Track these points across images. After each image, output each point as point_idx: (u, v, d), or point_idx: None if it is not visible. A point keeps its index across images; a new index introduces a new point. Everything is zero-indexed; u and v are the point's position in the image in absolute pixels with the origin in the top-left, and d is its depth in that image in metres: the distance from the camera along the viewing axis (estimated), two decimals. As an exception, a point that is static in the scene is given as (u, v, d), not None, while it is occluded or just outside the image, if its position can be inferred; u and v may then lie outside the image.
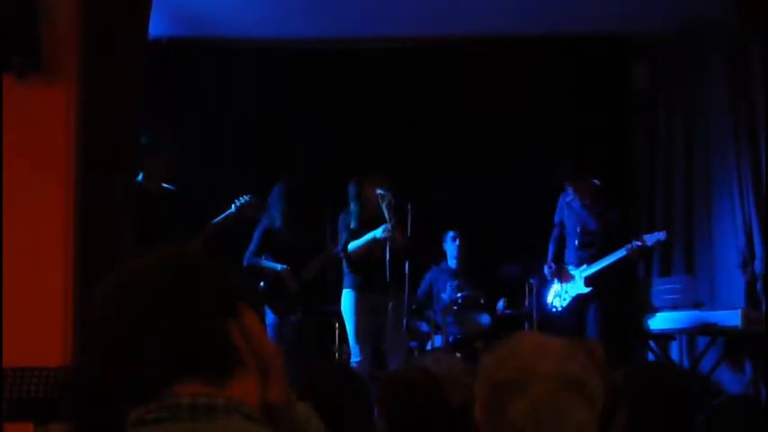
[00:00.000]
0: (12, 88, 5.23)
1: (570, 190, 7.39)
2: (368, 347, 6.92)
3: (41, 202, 5.33)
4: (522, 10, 7.55)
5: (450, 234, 8.20)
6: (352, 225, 7.02)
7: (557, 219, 7.58)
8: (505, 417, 1.68)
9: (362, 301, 6.93)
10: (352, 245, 6.95)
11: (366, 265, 6.95)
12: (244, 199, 6.53)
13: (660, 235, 7.10)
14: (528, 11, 7.56)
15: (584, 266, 7.26)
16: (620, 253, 7.05)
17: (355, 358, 6.89)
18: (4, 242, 5.14)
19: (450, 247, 8.21)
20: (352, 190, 7.08)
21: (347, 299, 6.98)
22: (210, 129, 8.69)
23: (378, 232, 6.82)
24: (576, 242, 7.36)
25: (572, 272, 7.34)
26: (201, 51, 8.47)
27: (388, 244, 6.76)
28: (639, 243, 7.04)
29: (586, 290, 7.19)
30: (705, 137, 8.05)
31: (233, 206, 6.50)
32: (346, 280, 7.04)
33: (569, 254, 7.43)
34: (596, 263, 7.19)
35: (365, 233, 6.93)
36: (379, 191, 6.83)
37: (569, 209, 7.45)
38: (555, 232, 7.58)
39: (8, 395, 4.43)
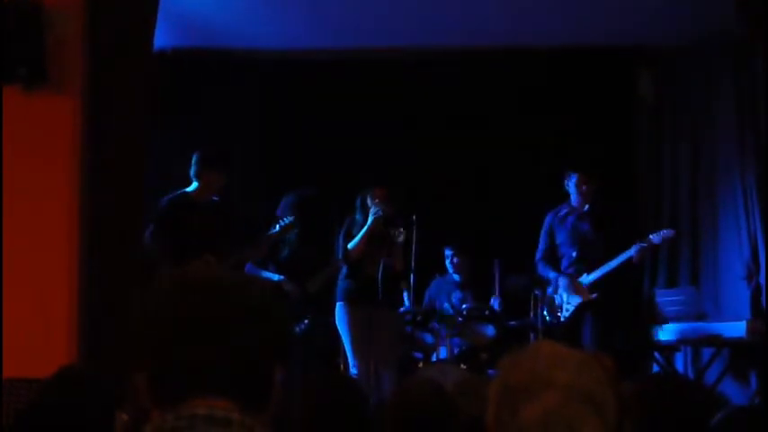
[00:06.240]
0: (18, 99, 5.25)
1: (569, 200, 7.30)
2: (365, 360, 6.87)
3: (48, 213, 5.33)
4: (527, 23, 7.55)
5: (448, 252, 8.20)
6: (354, 233, 7.07)
7: (543, 239, 7.41)
8: (515, 421, 1.69)
9: (354, 313, 6.93)
10: (352, 243, 7.02)
11: (360, 275, 7.01)
12: (288, 220, 6.88)
13: (667, 232, 7.09)
14: (532, 24, 7.57)
15: (585, 275, 7.20)
16: (628, 253, 6.98)
17: (353, 371, 6.85)
18: (9, 252, 5.15)
19: (450, 263, 8.22)
20: (358, 201, 7.17)
21: (340, 312, 7.01)
22: (214, 139, 8.67)
23: (370, 219, 6.94)
24: (575, 254, 7.25)
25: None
26: (206, 62, 8.48)
27: (382, 262, 6.92)
28: (645, 244, 7.01)
29: (590, 297, 7.12)
30: (710, 149, 8.05)
31: (277, 226, 6.85)
32: (339, 292, 7.07)
33: (566, 267, 7.32)
34: (599, 268, 7.10)
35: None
36: (373, 208, 6.93)
37: (562, 225, 7.31)
38: (542, 251, 7.41)
39: (9, 406, 4.39)
